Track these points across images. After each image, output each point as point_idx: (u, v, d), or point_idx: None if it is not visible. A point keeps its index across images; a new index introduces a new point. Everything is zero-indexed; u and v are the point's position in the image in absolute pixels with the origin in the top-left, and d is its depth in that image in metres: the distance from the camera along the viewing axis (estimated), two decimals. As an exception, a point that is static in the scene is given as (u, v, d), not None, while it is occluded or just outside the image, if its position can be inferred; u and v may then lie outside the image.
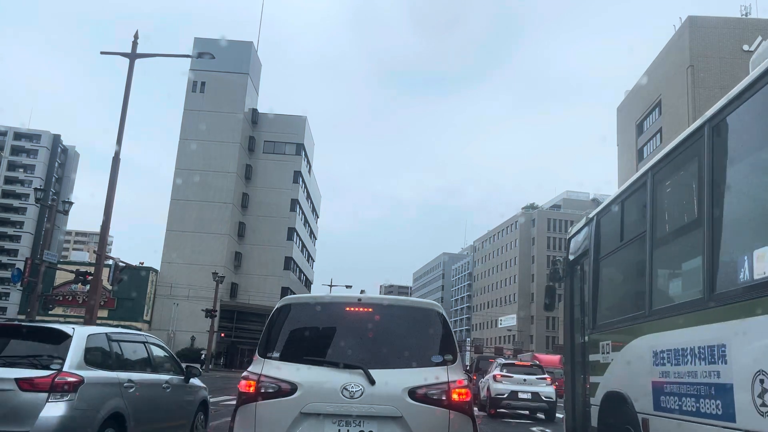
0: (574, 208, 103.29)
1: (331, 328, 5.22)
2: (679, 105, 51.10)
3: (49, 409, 5.55)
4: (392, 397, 4.64)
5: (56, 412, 5.57)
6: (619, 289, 6.65)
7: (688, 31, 51.42)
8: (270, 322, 5.23)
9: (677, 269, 5.13)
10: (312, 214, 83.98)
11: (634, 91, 64.36)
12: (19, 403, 5.53)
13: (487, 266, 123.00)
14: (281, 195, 68.83)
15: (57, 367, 5.82)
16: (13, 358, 6.01)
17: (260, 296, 62.10)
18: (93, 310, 17.50)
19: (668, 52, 55.69)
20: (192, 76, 63.36)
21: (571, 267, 8.04)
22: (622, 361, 5.80)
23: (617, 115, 69.33)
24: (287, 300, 5.47)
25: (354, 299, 5.25)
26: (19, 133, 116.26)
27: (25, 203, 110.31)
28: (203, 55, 22.66)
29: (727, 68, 48.87)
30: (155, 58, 19.81)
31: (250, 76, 67.95)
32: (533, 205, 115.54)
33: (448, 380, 4.78)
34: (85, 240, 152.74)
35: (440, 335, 5.18)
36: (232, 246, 64.54)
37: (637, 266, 5.73)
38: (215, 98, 64.58)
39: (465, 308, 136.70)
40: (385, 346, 5.04)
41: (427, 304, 5.47)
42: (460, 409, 4.75)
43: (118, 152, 18.24)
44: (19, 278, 31.11)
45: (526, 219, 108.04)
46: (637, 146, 61.92)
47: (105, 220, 17.99)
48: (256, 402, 4.73)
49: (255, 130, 69.77)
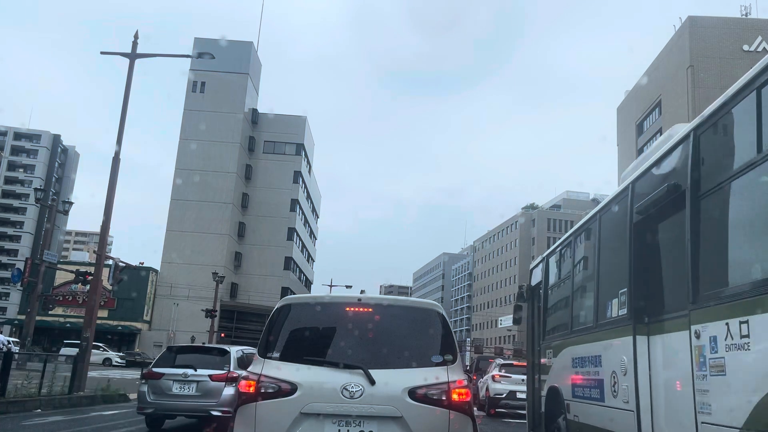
0: (574, 208, 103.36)
1: (331, 328, 5.22)
2: (679, 105, 51.10)
3: (226, 390, 10.42)
4: (392, 397, 4.64)
5: (229, 392, 10.30)
6: (558, 312, 8.71)
7: (688, 31, 51.42)
8: (270, 322, 5.23)
9: (584, 304, 7.22)
10: (312, 214, 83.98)
11: (634, 91, 64.36)
12: (211, 388, 10.57)
13: (487, 266, 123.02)
14: (281, 195, 68.83)
15: (227, 368, 10.81)
16: (205, 364, 10.91)
17: (260, 296, 62.11)
18: (93, 310, 17.49)
19: (668, 52, 55.69)
20: (192, 76, 63.39)
21: (531, 292, 10.26)
22: (557, 365, 8.01)
23: (617, 115, 69.32)
24: (287, 300, 5.47)
25: (354, 299, 5.24)
26: (19, 133, 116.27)
27: (25, 203, 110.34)
28: (203, 55, 22.66)
29: (727, 68, 48.85)
30: (155, 58, 19.83)
31: (250, 76, 67.94)
32: (533, 205, 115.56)
33: (448, 380, 4.78)
34: (85, 240, 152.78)
35: (440, 335, 5.18)
36: (232, 246, 64.54)
37: (566, 298, 8.07)
38: (215, 98, 64.59)
39: (465, 308, 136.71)
40: (385, 346, 5.04)
41: (427, 304, 5.47)
42: (460, 409, 4.75)
43: (118, 152, 18.24)
44: (19, 278, 31.11)
45: (526, 219, 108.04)
46: (637, 146, 61.89)
47: (105, 220, 17.98)
48: (256, 402, 4.72)
49: (255, 130, 69.76)
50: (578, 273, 7.62)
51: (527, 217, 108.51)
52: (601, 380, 6.07)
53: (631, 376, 5.28)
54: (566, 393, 7.33)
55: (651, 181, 5.35)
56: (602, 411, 6.06)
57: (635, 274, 5.45)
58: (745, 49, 49.90)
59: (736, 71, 48.43)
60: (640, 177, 5.63)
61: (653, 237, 5.40)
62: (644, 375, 5.16)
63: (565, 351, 7.59)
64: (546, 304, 9.07)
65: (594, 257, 6.85)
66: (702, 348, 4.08)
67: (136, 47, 19.01)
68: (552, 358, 8.26)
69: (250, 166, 68.87)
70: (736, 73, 35.05)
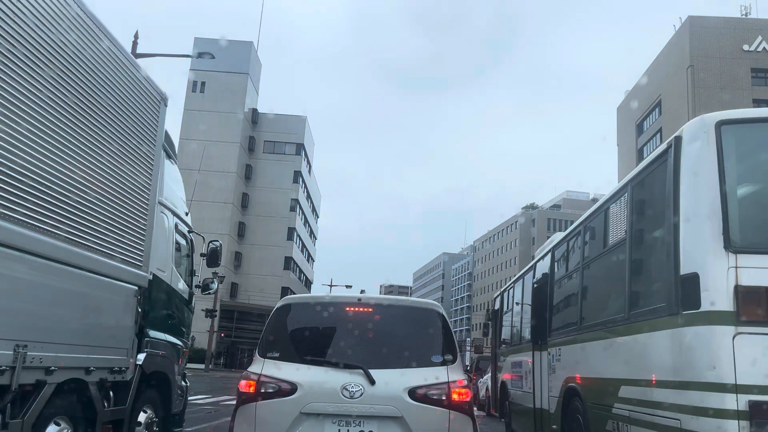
0: (574, 208, 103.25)
1: (331, 328, 5.22)
2: (679, 105, 51.04)
3: None
4: (392, 397, 4.64)
5: None
6: (505, 331, 12.51)
7: (688, 31, 51.33)
8: (270, 322, 5.23)
9: (516, 328, 11.25)
10: (312, 214, 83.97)
11: (634, 91, 64.30)
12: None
13: (487, 266, 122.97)
14: (281, 195, 68.81)
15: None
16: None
17: (260, 296, 62.07)
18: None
19: (668, 52, 55.62)
20: (192, 76, 63.41)
21: (494, 314, 14.01)
22: (504, 367, 12.01)
23: (617, 115, 69.24)
24: (287, 300, 5.47)
25: (354, 299, 5.24)
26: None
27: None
28: (203, 55, 22.70)
29: (727, 68, 48.82)
30: (155, 58, 19.83)
31: (250, 76, 67.94)
32: (533, 205, 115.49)
33: (448, 380, 4.78)
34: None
35: (440, 335, 5.18)
36: (232, 246, 64.52)
37: (509, 323, 12.06)
38: (215, 98, 64.57)
39: (465, 308, 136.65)
40: (385, 346, 5.04)
41: (427, 304, 5.47)
42: (460, 409, 4.74)
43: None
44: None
45: (526, 219, 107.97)
46: (637, 146, 61.85)
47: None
48: (256, 402, 4.72)
49: (255, 130, 69.76)
50: (515, 308, 11.48)
51: (527, 217, 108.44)
52: (521, 376, 9.90)
53: (531, 373, 8.94)
54: (509, 384, 11.36)
55: (541, 266, 9.26)
56: (521, 394, 9.79)
57: (533, 317, 9.14)
58: (745, 49, 49.83)
59: (737, 71, 48.60)
60: (534, 264, 9.83)
61: (539, 300, 8.96)
62: (537, 372, 8.61)
63: (508, 358, 11.63)
64: (500, 324, 13.10)
65: (520, 302, 10.90)
66: (550, 360, 7.82)
67: (136, 47, 19.02)
68: (502, 363, 12.38)
69: (250, 166, 68.86)
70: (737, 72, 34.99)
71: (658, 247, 4.75)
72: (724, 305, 3.83)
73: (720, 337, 3.80)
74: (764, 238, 4.15)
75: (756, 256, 3.94)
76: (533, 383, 8.64)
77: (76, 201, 4.93)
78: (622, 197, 5.73)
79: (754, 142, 4.47)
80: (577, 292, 7.00)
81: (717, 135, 4.21)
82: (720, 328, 3.82)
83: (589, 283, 6.70)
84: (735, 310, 3.82)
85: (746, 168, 4.38)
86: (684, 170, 4.32)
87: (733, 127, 4.30)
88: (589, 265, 6.69)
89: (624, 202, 5.65)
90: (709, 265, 3.96)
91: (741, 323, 3.80)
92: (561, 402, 6.90)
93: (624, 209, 5.64)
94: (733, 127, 4.31)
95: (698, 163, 4.24)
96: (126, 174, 5.80)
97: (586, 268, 6.74)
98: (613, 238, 5.97)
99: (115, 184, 5.57)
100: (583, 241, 7.04)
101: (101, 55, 5.31)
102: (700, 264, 4.02)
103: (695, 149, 4.30)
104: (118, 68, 5.62)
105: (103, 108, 5.32)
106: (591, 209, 6.81)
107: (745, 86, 48.87)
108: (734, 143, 4.24)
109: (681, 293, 4.11)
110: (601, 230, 6.34)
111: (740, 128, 4.37)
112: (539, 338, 8.48)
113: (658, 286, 4.68)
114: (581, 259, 6.95)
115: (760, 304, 3.84)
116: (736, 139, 4.27)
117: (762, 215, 4.30)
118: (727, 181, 4.07)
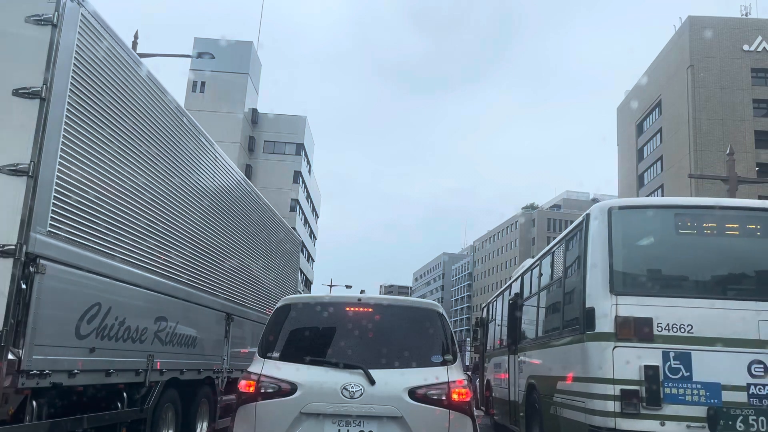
0: (574, 208, 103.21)
1: (331, 328, 5.22)
2: (679, 105, 51.03)
3: None
4: (392, 397, 4.64)
5: None
6: (490, 337, 14.60)
7: (688, 31, 51.31)
8: (270, 322, 5.23)
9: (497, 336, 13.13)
10: (312, 214, 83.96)
11: (634, 91, 64.27)
12: None
13: (487, 266, 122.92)
14: (281, 195, 68.74)
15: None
16: None
17: (260, 296, 62.01)
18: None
19: (668, 52, 55.60)
20: (192, 76, 63.44)
21: (482, 321, 16.21)
22: (489, 367, 14.11)
23: (617, 115, 69.22)
24: (287, 300, 5.48)
25: (354, 299, 5.25)
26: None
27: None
28: (203, 55, 22.71)
29: (727, 68, 48.81)
30: (155, 58, 19.82)
31: (250, 76, 67.95)
32: (533, 205, 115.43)
33: (448, 380, 4.78)
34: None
35: (440, 335, 5.18)
36: (232, 246, 64.45)
37: (494, 331, 13.99)
38: (215, 98, 64.55)
39: (465, 308, 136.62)
40: (385, 346, 5.04)
41: (427, 304, 5.47)
42: (460, 409, 4.75)
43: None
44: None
45: (526, 219, 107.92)
46: (637, 146, 61.88)
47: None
48: (256, 402, 4.72)
49: (255, 130, 69.79)
50: (497, 318, 13.40)
51: (527, 217, 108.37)
52: (500, 375, 11.79)
53: (507, 372, 10.71)
54: (492, 382, 13.29)
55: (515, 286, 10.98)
56: (501, 390, 11.62)
57: (509, 327, 11.11)
58: (745, 49, 49.82)
59: (737, 71, 48.58)
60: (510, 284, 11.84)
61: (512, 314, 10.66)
62: (511, 372, 10.25)
63: (492, 360, 13.65)
64: (487, 331, 15.24)
65: (500, 314, 12.82)
66: (519, 362, 9.55)
67: (136, 47, 18.99)
68: (488, 363, 14.53)
69: (250, 166, 68.84)
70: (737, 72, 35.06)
71: (577, 286, 6.57)
72: (609, 328, 5.69)
73: (606, 349, 5.65)
74: (635, 286, 5.95)
75: (629, 297, 5.75)
76: (509, 381, 10.58)
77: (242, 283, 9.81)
78: (560, 247, 7.65)
79: (633, 222, 6.27)
80: (535, 310, 9.06)
81: (608, 217, 6.06)
82: (606, 344, 5.66)
83: (543, 305, 8.70)
84: (615, 332, 5.65)
85: (626, 239, 6.14)
86: (590, 238, 6.17)
87: (619, 212, 6.12)
88: (541, 292, 8.81)
89: (560, 251, 7.65)
90: (600, 302, 5.81)
91: (618, 340, 5.62)
92: (525, 395, 8.80)
93: (560, 256, 7.67)
94: (620, 212, 6.13)
95: (597, 235, 6.10)
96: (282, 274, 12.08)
97: (541, 293, 8.81)
98: (555, 274, 8.01)
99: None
100: (540, 273, 8.97)
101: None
102: (595, 301, 5.89)
103: (596, 225, 6.16)
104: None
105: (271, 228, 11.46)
106: (545, 249, 8.74)
107: (745, 86, 48.85)
108: (621, 223, 6.07)
109: (585, 320, 5.98)
110: (548, 267, 8.41)
111: (624, 212, 6.20)
112: (513, 344, 10.34)
113: (575, 313, 6.48)
114: (538, 286, 9.01)
115: (630, 329, 5.63)
116: (622, 220, 6.09)
117: (634, 270, 6.13)
118: (613, 248, 5.93)
